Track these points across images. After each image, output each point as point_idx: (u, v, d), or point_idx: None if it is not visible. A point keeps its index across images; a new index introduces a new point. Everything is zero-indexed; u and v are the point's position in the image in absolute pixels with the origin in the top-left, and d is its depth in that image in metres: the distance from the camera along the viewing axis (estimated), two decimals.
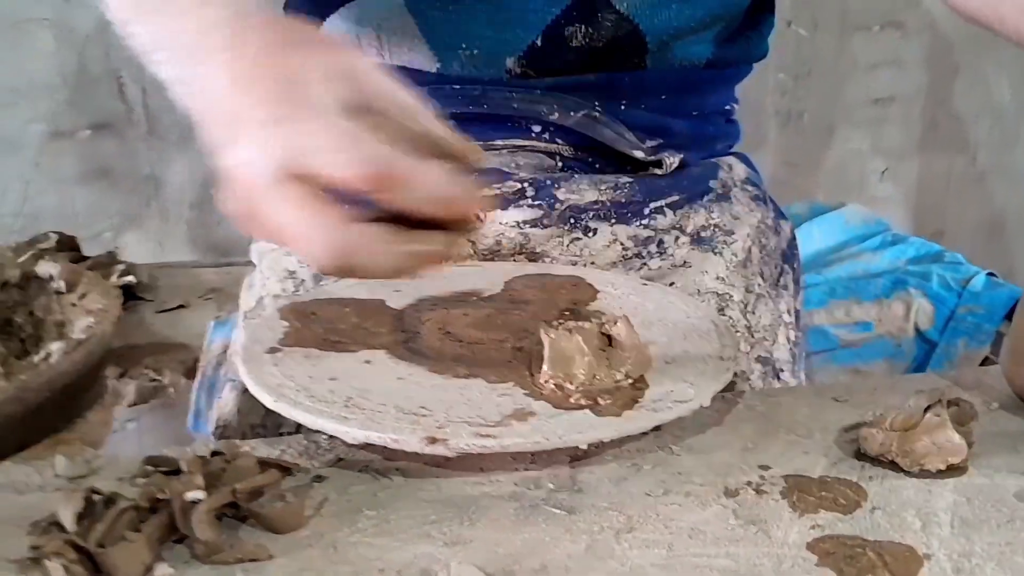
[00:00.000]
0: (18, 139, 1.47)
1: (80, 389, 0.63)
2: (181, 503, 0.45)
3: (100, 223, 1.54)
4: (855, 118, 1.63)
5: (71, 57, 1.45)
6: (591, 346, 0.54)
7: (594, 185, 0.82)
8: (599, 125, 0.83)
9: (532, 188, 0.80)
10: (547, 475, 0.52)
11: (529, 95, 0.82)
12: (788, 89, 1.59)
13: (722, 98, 0.96)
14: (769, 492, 0.50)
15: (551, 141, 0.84)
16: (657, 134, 0.87)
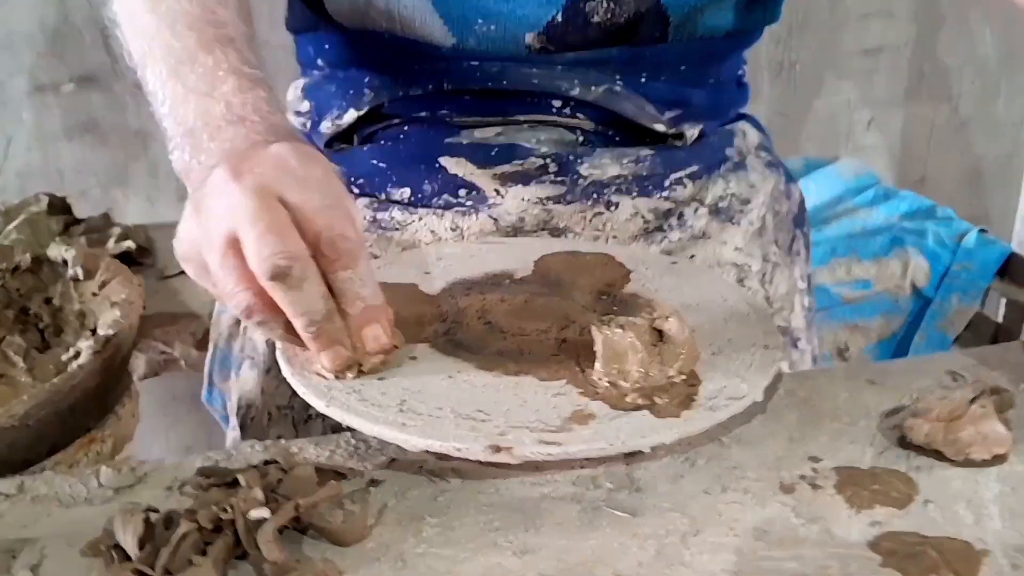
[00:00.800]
0: (1, 94, 1.41)
1: (109, 386, 0.60)
2: (246, 522, 0.43)
3: (87, 180, 1.49)
4: (845, 69, 1.61)
5: (52, 7, 1.38)
6: (643, 342, 0.52)
7: (616, 159, 0.80)
8: (620, 99, 0.80)
9: (555, 164, 0.78)
10: (604, 474, 0.51)
11: (549, 71, 0.79)
12: (782, 39, 1.56)
13: (736, 64, 0.93)
14: (823, 487, 0.50)
15: (572, 116, 0.81)
16: (676, 105, 0.84)
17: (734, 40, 0.89)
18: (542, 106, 0.81)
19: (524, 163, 0.77)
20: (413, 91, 0.79)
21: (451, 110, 0.79)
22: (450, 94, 0.79)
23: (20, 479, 0.51)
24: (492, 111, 0.80)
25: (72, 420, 0.57)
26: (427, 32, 0.77)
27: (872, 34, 1.60)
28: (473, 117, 0.79)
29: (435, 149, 0.78)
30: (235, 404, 0.82)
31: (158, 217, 1.51)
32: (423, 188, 0.78)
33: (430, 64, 0.79)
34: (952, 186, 1.75)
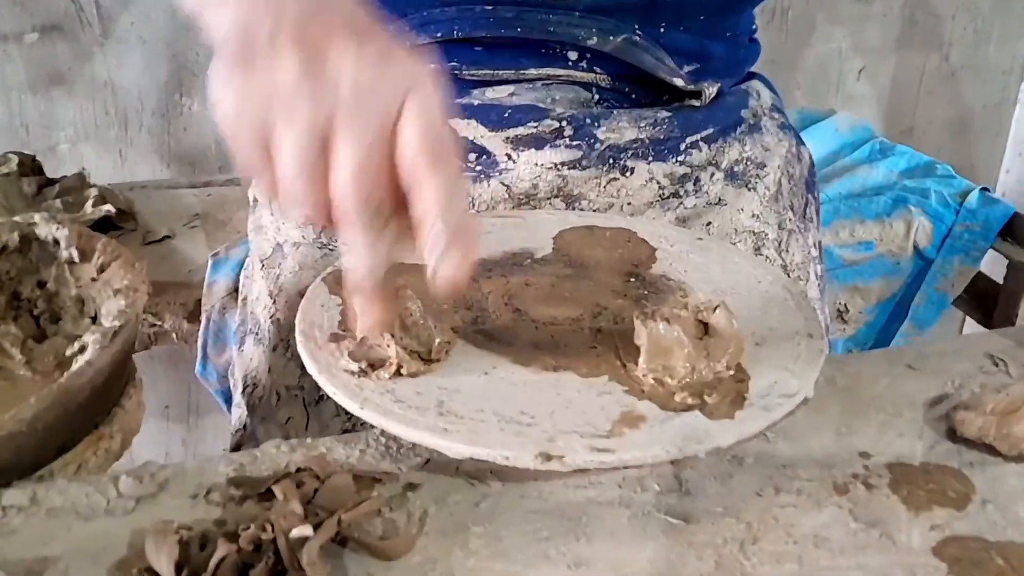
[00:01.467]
0: None
1: (115, 381, 0.57)
2: (288, 542, 0.41)
3: (54, 135, 1.42)
4: (838, 15, 1.57)
5: None
6: (689, 336, 0.50)
7: (634, 122, 0.77)
8: (639, 50, 0.77)
9: (571, 127, 0.74)
10: (650, 475, 0.49)
11: (566, 18, 0.75)
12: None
13: (750, 17, 0.90)
14: (877, 486, 0.48)
15: (588, 70, 0.78)
16: (695, 58, 0.81)
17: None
18: (557, 58, 0.77)
19: (539, 125, 0.74)
20: (420, 39, 0.75)
21: (461, 62, 0.75)
22: (460, 43, 0.75)
23: (32, 489, 0.47)
24: (505, 63, 0.77)
25: (81, 418, 0.53)
26: None
27: None
28: (484, 70, 0.75)
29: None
30: (239, 382, 0.78)
31: (131, 174, 1.45)
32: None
33: (440, 8, 0.75)
34: (939, 136, 1.74)
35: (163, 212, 1.13)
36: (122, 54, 1.39)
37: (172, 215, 1.12)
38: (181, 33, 1.40)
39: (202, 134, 1.47)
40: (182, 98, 1.45)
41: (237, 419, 0.79)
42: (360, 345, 0.51)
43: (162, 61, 1.42)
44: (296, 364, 0.71)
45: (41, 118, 1.41)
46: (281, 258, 0.77)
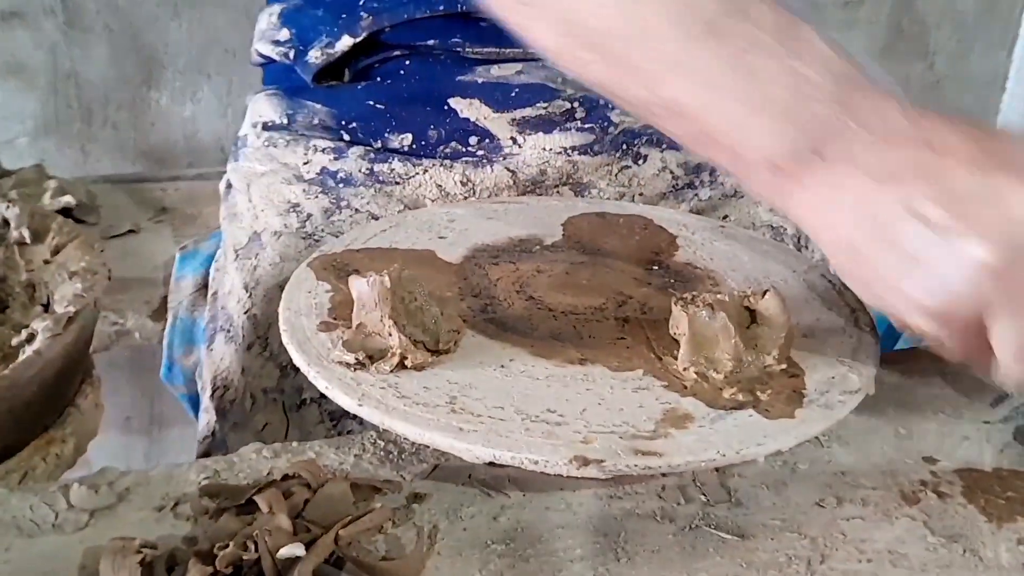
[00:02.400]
0: None
1: (71, 375, 0.49)
2: (275, 563, 0.33)
3: (13, 127, 1.32)
4: (823, 20, 1.53)
5: None
6: (735, 324, 0.43)
7: None
8: None
9: (583, 108, 0.68)
10: (693, 483, 0.42)
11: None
12: None
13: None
14: (951, 494, 0.42)
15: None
16: None
17: None
18: None
19: (549, 106, 0.67)
20: (420, 12, 0.67)
21: (465, 38, 0.67)
22: (464, 17, 0.67)
23: None
24: (512, 39, 0.70)
25: (27, 419, 0.45)
26: None
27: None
28: (489, 47, 0.68)
29: (444, 88, 0.67)
30: (208, 384, 0.70)
31: (94, 170, 1.36)
32: (427, 134, 0.67)
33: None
34: None
35: (127, 206, 1.05)
36: (87, 44, 1.30)
37: (136, 210, 1.04)
38: (150, 24, 1.32)
39: (170, 129, 1.38)
40: (150, 91, 1.37)
41: (205, 425, 0.70)
42: (357, 333, 0.43)
43: (129, 53, 1.33)
44: (275, 364, 0.63)
45: (2, 111, 1.31)
46: (259, 248, 0.69)
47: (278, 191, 0.70)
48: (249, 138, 0.76)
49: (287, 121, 0.73)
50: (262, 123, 0.75)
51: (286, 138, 0.73)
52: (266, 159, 0.73)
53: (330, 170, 0.69)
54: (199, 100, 1.38)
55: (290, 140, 0.73)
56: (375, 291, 0.43)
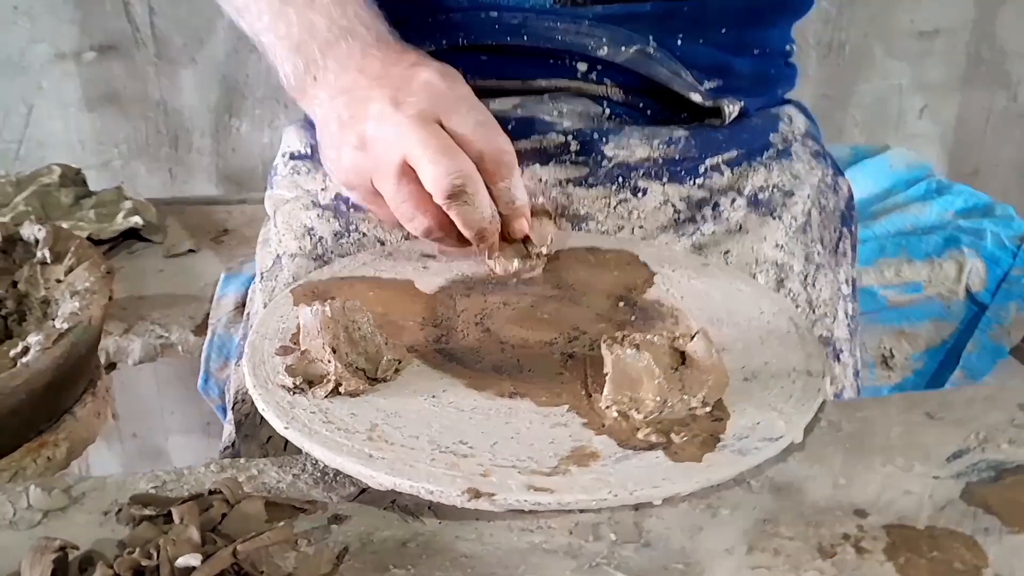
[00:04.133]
0: (20, 61, 1.34)
1: (65, 384, 0.52)
2: (171, 571, 0.35)
3: (108, 151, 1.42)
4: (897, 51, 1.48)
5: None
6: (661, 365, 0.43)
7: (646, 139, 0.70)
8: (653, 62, 0.70)
9: (577, 142, 0.68)
10: (607, 521, 0.42)
11: (575, 26, 0.70)
12: (831, 18, 1.44)
13: (784, 35, 0.83)
14: (871, 550, 0.40)
15: (599, 82, 0.72)
16: (717, 74, 0.74)
17: (780, 4, 0.79)
18: (566, 69, 0.71)
19: (543, 139, 0.68)
20: (425, 47, 0.70)
21: (466, 70, 0.70)
22: (465, 51, 0.70)
23: None
24: (511, 72, 0.71)
25: (16, 423, 0.49)
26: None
27: (927, 15, 1.47)
28: (490, 80, 0.69)
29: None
30: (231, 397, 0.74)
31: (180, 192, 1.45)
32: None
33: (444, 15, 0.70)
34: (1007, 179, 1.62)
35: (193, 226, 1.11)
36: (175, 75, 1.39)
37: (200, 230, 1.10)
38: (232, 56, 1.40)
39: (250, 154, 1.46)
40: (231, 119, 1.44)
41: (227, 436, 0.74)
42: (301, 359, 0.45)
43: (213, 83, 1.41)
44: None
45: (96, 135, 1.41)
46: (278, 270, 0.73)
47: (297, 216, 0.74)
48: (279, 167, 0.80)
49: (310, 151, 0.77)
50: (290, 152, 0.79)
51: (308, 166, 0.76)
52: (292, 186, 0.77)
53: (343, 196, 0.72)
54: (276, 127, 1.45)
55: (311, 168, 0.76)
56: (317, 319, 0.45)
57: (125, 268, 0.97)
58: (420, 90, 0.57)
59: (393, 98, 0.56)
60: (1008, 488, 0.44)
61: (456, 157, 0.55)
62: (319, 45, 0.60)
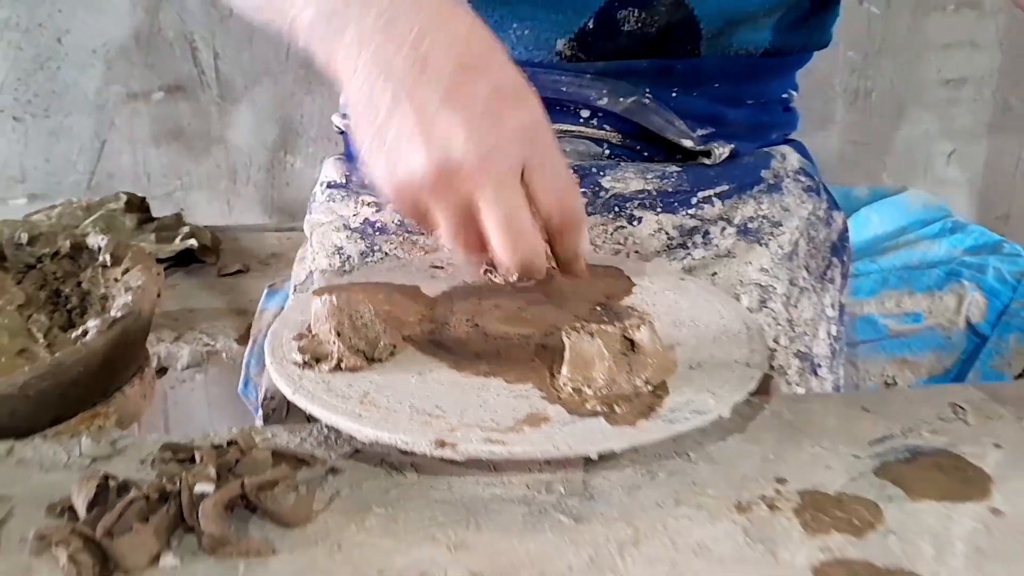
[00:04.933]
0: (96, 99, 1.49)
1: (117, 365, 0.63)
2: (190, 495, 0.44)
3: (171, 183, 1.56)
4: (925, 99, 1.54)
5: (146, 20, 1.46)
6: (612, 350, 0.51)
7: (640, 174, 0.79)
8: (648, 112, 0.79)
9: (577, 175, 0.77)
10: (560, 479, 0.50)
11: (578, 79, 0.79)
12: (857, 67, 1.51)
13: (782, 85, 0.91)
14: (782, 509, 0.48)
15: (599, 127, 0.81)
16: (710, 123, 0.82)
17: (774, 60, 0.87)
18: (570, 115, 0.80)
19: None
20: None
21: None
22: None
23: (12, 443, 0.53)
24: None
25: (74, 393, 0.59)
26: None
27: (954, 64, 1.53)
28: None
29: None
30: (262, 395, 0.84)
31: (236, 220, 1.58)
32: None
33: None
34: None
35: (245, 250, 1.22)
36: (235, 114, 1.53)
37: (251, 253, 1.21)
38: (288, 98, 1.53)
39: (302, 188, 1.58)
40: (286, 156, 1.57)
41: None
42: (311, 341, 0.55)
43: (270, 122, 1.54)
44: None
45: (162, 168, 1.55)
46: (310, 283, 0.83)
47: (329, 237, 0.84)
48: (318, 194, 0.91)
49: (345, 181, 0.87)
50: (327, 182, 0.89)
51: (343, 194, 0.87)
52: (328, 212, 0.88)
53: (371, 220, 0.82)
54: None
55: (345, 196, 0.86)
56: (325, 308, 0.54)
57: (180, 285, 1.08)
58: (513, 138, 0.50)
59: (476, 135, 0.49)
60: (918, 467, 0.51)
61: (528, 239, 0.51)
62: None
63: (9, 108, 1.46)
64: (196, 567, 0.43)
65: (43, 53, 1.43)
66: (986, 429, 0.55)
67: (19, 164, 1.49)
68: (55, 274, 0.72)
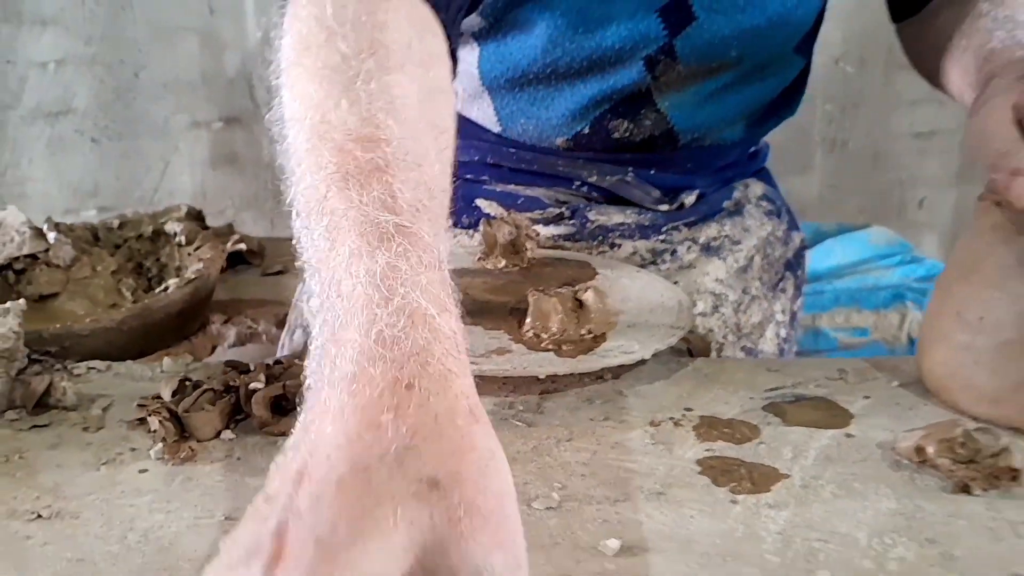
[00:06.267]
0: (164, 127, 1.68)
1: (188, 317, 0.79)
2: (246, 390, 0.60)
3: (224, 201, 1.74)
4: (897, 149, 1.69)
5: (212, 60, 1.65)
6: (564, 307, 0.66)
7: (620, 211, 0.94)
8: (630, 187, 0.95)
9: (568, 210, 0.93)
10: (520, 400, 0.65)
11: (572, 162, 0.95)
12: (835, 119, 1.66)
13: (749, 146, 1.05)
14: (684, 426, 0.62)
15: (588, 194, 0.97)
16: (684, 188, 0.97)
17: (746, 144, 1.02)
18: (564, 183, 0.96)
19: (544, 212, 0.93)
20: (463, 157, 0.97)
21: (490, 177, 0.96)
22: (491, 166, 0.96)
23: (109, 363, 0.69)
24: (522, 182, 0.97)
25: (157, 333, 0.75)
26: (481, 116, 0.95)
27: (923, 118, 1.68)
28: (508, 186, 0.96)
29: (474, 194, 0.95)
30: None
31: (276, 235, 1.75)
32: (462, 221, 0.95)
33: (478, 141, 0.97)
34: None
35: (286, 255, 1.39)
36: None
37: (290, 258, 1.37)
38: None
39: None
40: None
41: None
42: None
43: None
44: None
45: (217, 189, 1.74)
46: None
47: None
48: None
49: None
50: None
51: None
52: None
53: None
54: None
55: None
56: None
57: (230, 280, 1.25)
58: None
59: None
60: (798, 407, 0.65)
61: None
62: (329, 357, 0.39)
63: (89, 131, 1.65)
64: (247, 440, 0.59)
65: (122, 85, 1.63)
66: (861, 386, 0.69)
67: (93, 180, 1.68)
68: (139, 251, 0.89)
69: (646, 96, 0.91)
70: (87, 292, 0.81)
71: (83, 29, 1.56)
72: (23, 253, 0.80)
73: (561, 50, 0.88)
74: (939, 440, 0.55)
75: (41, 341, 0.69)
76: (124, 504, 0.52)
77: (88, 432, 0.60)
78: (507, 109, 0.94)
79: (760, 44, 0.90)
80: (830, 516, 0.51)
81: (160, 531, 0.49)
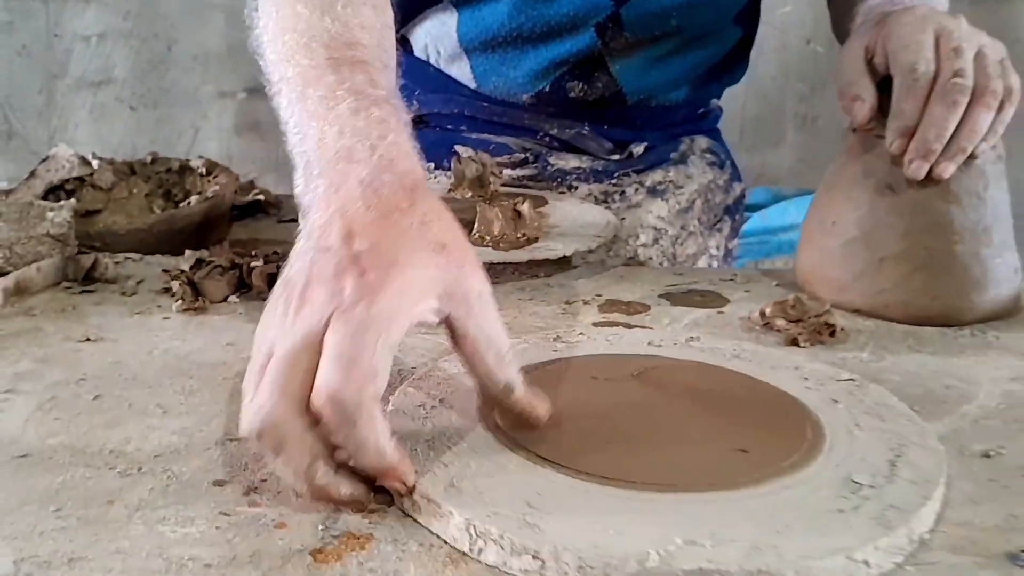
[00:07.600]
0: (193, 96, 1.86)
1: (207, 228, 0.96)
2: (248, 266, 0.77)
3: (248, 165, 1.92)
4: None
5: (237, 34, 1.83)
6: (504, 216, 0.83)
7: (577, 157, 1.11)
8: (585, 139, 1.11)
9: (532, 155, 1.10)
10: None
11: (537, 116, 1.11)
12: (805, 97, 1.80)
13: (698, 106, 1.21)
14: (590, 304, 0.78)
15: (549, 145, 1.13)
16: (633, 141, 1.14)
17: (692, 105, 1.18)
18: (529, 133, 1.13)
19: (511, 157, 1.10)
20: (443, 110, 1.14)
21: (467, 127, 1.13)
22: (467, 118, 1.13)
23: (143, 255, 0.87)
24: (494, 132, 1.14)
25: (179, 239, 0.93)
26: (459, 74, 1.12)
27: None
28: (482, 134, 1.12)
29: (453, 141, 1.12)
30: None
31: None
32: (443, 164, 1.11)
33: (457, 96, 1.13)
34: None
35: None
36: None
37: None
38: None
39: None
40: None
41: None
42: None
43: None
44: None
45: (241, 154, 1.92)
46: None
47: None
48: None
49: None
50: None
51: None
52: None
53: None
54: None
55: None
56: None
57: (250, 224, 1.42)
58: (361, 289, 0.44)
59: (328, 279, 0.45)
60: (688, 296, 0.81)
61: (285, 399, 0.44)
62: (320, 164, 0.53)
63: (127, 100, 1.84)
64: (249, 304, 0.76)
65: (156, 58, 1.81)
66: (746, 285, 0.85)
67: (131, 144, 1.86)
68: (168, 180, 1.06)
69: (599, 60, 1.07)
70: (125, 209, 0.99)
71: (121, 4, 1.75)
72: (72, 176, 0.98)
73: (524, 16, 1.04)
74: (775, 304, 0.71)
75: (88, 238, 0.86)
76: (151, 335, 0.69)
77: (125, 296, 0.77)
78: (481, 68, 1.11)
79: (698, 15, 1.06)
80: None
81: (178, 349, 0.66)
